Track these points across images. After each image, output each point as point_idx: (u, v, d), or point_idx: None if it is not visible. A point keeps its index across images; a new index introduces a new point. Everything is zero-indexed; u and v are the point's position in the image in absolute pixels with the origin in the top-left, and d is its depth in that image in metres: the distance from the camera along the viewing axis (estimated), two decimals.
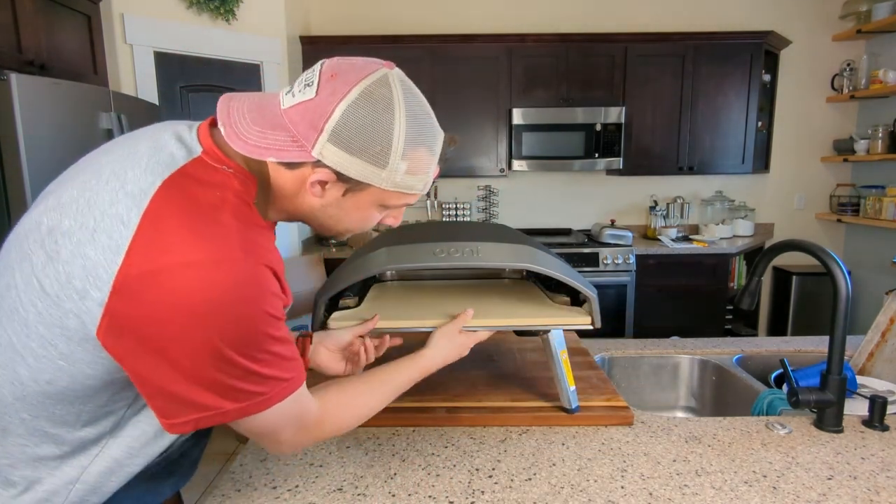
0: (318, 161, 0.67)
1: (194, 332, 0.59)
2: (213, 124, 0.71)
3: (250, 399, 0.66)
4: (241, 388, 0.64)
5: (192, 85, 2.98)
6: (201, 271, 0.59)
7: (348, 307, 1.11)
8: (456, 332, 0.98)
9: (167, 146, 0.68)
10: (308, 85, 0.67)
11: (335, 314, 1.06)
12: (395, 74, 0.70)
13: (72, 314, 0.60)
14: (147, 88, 2.80)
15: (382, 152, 0.67)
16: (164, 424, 0.65)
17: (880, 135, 3.40)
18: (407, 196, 0.74)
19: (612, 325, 3.36)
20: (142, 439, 0.71)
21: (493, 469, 0.91)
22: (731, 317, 3.50)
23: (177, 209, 0.62)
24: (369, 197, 0.72)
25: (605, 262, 3.30)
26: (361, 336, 1.02)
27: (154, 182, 0.63)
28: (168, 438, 0.73)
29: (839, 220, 3.71)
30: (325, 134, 0.65)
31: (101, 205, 0.62)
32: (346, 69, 0.67)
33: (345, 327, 1.01)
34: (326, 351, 1.00)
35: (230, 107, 0.70)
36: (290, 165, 0.69)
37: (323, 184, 0.69)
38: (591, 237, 3.57)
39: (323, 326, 1.03)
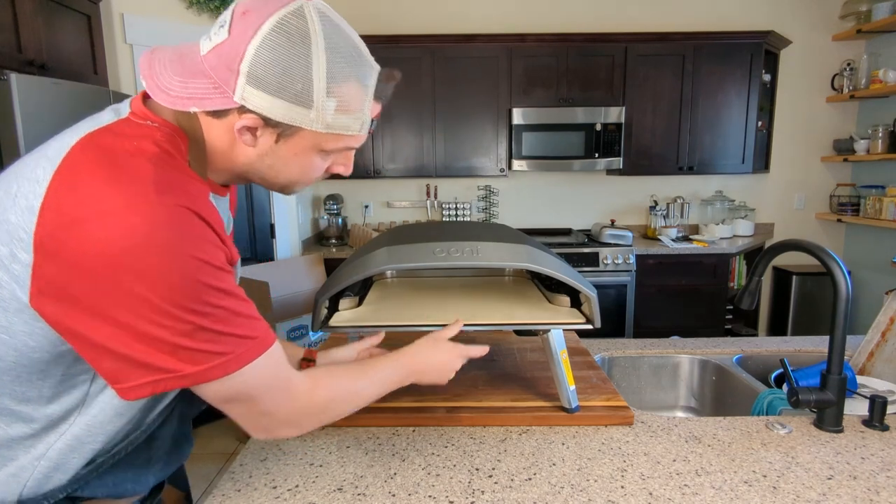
0: (242, 106, 0.64)
1: (121, 284, 0.57)
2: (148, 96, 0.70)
3: (209, 361, 0.62)
4: (194, 348, 0.61)
5: None
6: (116, 218, 0.57)
7: (348, 307, 1.11)
8: (442, 338, 0.94)
9: (99, 116, 0.67)
10: (221, 26, 0.64)
11: (336, 315, 1.06)
12: (313, 5, 0.65)
13: (3, 282, 0.59)
14: None
15: (304, 90, 0.64)
16: (117, 391, 0.62)
17: (880, 135, 3.40)
18: (345, 138, 0.70)
19: (612, 325, 3.36)
20: (100, 417, 0.69)
21: (493, 469, 0.91)
22: (731, 317, 3.50)
23: (90, 162, 0.60)
24: (304, 142, 0.68)
25: (605, 262, 3.30)
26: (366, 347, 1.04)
27: (70, 142, 0.62)
28: (126, 417, 0.71)
29: (839, 220, 3.71)
30: (243, 76, 0.62)
31: (24, 171, 0.62)
32: (258, 5, 0.63)
33: (346, 327, 1.01)
34: None
35: (152, 60, 0.67)
36: (217, 114, 0.66)
37: (252, 130, 0.66)
38: (591, 237, 3.57)
39: (323, 326, 1.02)
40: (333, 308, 1.08)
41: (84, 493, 0.71)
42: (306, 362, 1.01)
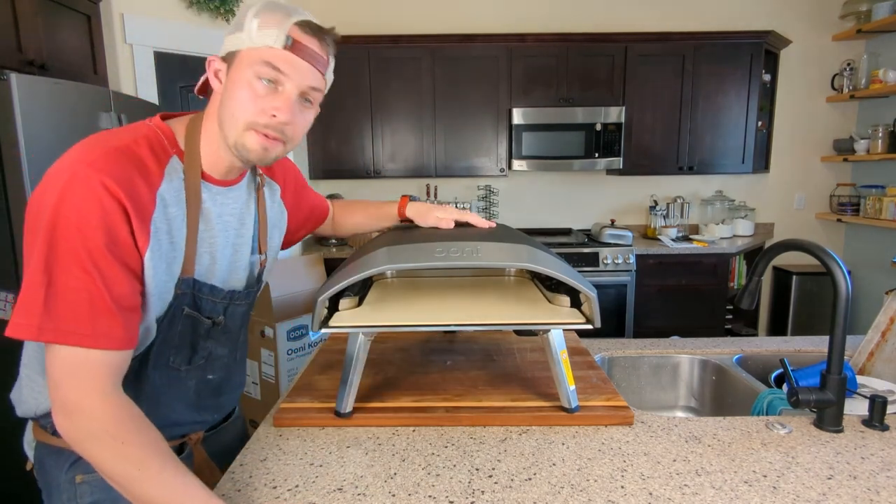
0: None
1: (30, 227, 0.73)
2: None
3: (33, 318, 0.70)
4: (31, 299, 0.70)
5: (192, 85, 2.96)
6: (52, 181, 0.72)
7: (348, 307, 1.11)
8: None
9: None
10: None
11: (336, 315, 1.06)
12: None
13: None
14: (147, 88, 2.80)
15: (240, 18, 0.82)
16: None
17: (880, 134, 3.40)
18: (267, 50, 0.80)
19: (612, 325, 3.36)
20: None
21: (493, 469, 0.91)
22: (731, 317, 3.50)
23: (77, 147, 0.76)
24: (241, 63, 0.81)
25: (605, 261, 3.30)
26: None
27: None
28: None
29: (839, 220, 3.71)
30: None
31: None
32: None
33: (346, 327, 1.01)
34: None
35: None
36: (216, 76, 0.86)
37: (218, 74, 0.85)
38: (591, 237, 3.57)
39: (323, 326, 1.02)
40: (333, 308, 1.08)
41: None
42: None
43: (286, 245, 1.17)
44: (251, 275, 1.01)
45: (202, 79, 0.88)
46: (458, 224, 1.15)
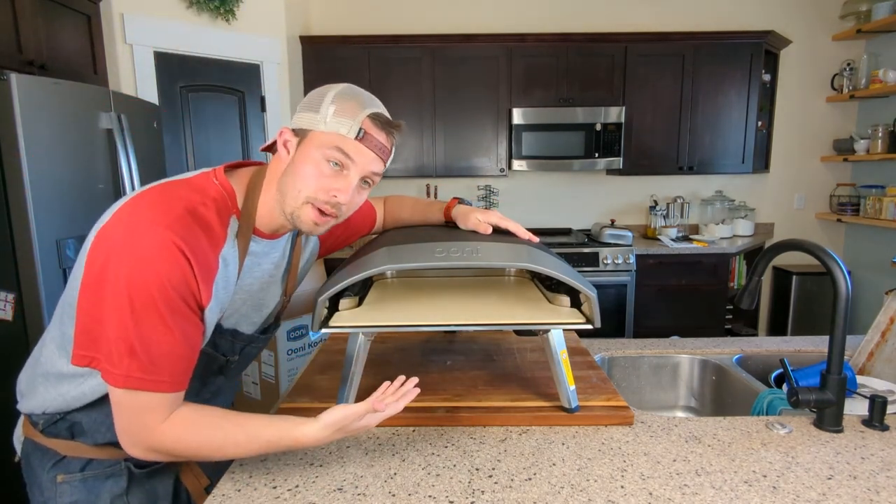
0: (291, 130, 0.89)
1: (106, 278, 0.76)
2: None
3: (117, 361, 0.76)
4: (115, 345, 0.76)
5: (192, 85, 2.98)
6: (134, 242, 0.76)
7: (348, 307, 1.11)
8: (353, 421, 0.84)
9: (197, 172, 0.89)
10: None
11: (336, 315, 1.06)
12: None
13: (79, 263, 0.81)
14: (147, 88, 2.80)
15: (318, 99, 0.87)
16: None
17: (880, 134, 3.40)
18: (338, 137, 0.86)
19: (612, 325, 3.36)
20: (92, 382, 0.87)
21: (493, 469, 0.91)
22: (731, 317, 3.50)
23: (152, 197, 0.81)
24: (311, 142, 0.86)
25: (605, 261, 3.30)
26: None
27: (151, 183, 0.83)
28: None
29: (839, 220, 3.71)
30: (297, 112, 0.90)
31: (120, 199, 0.84)
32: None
33: (346, 327, 1.01)
34: None
35: None
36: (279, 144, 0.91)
37: (287, 144, 0.88)
38: (591, 237, 3.57)
39: (323, 326, 1.02)
40: (333, 308, 1.08)
41: (78, 418, 0.90)
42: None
43: (327, 254, 1.27)
44: (272, 313, 1.07)
45: (270, 141, 0.93)
46: (498, 230, 1.12)
